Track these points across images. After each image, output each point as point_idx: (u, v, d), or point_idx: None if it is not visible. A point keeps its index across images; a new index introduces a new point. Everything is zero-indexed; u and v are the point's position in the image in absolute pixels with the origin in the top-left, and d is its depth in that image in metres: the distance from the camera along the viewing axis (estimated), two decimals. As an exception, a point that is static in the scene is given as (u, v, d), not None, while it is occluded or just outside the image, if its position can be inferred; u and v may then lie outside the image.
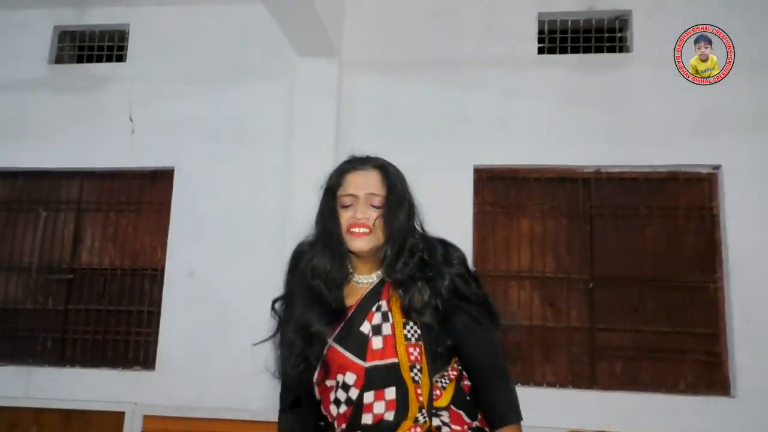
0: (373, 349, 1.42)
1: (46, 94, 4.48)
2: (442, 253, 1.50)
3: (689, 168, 3.94)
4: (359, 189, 1.47)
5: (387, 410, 1.38)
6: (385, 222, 1.46)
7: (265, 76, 4.28)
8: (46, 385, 4.07)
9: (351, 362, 1.42)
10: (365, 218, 1.45)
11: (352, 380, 1.41)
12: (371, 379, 1.40)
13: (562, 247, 4.02)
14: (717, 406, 3.63)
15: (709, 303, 3.82)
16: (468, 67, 4.15)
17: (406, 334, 1.43)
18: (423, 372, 1.42)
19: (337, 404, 1.43)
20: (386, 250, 1.45)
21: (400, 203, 1.48)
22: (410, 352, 1.42)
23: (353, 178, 1.49)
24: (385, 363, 1.41)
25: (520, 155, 4.02)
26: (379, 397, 1.39)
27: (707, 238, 3.89)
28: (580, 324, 3.91)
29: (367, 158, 1.55)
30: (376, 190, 1.47)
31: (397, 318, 1.44)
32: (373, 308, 1.45)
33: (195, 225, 4.18)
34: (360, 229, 1.45)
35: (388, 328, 1.43)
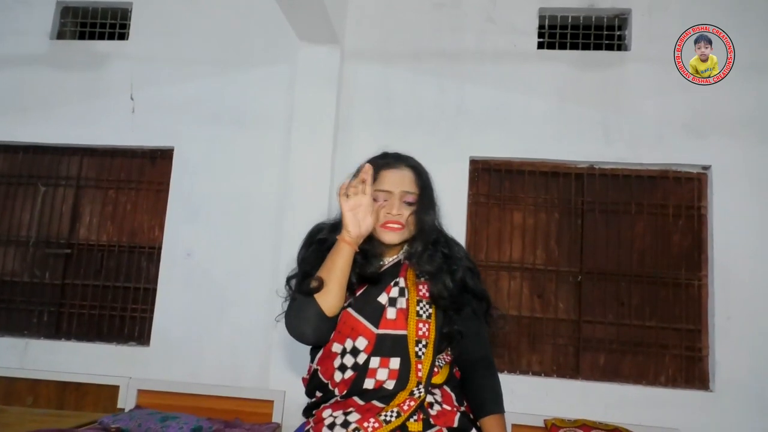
0: (387, 318, 1.52)
1: (48, 69, 4.50)
2: (457, 249, 1.66)
3: (680, 167, 4.02)
4: (395, 186, 1.58)
5: (389, 378, 1.48)
6: (417, 219, 1.57)
7: (266, 61, 4.32)
8: (42, 357, 4.14)
9: (364, 327, 1.51)
10: (400, 215, 1.56)
11: (363, 345, 1.50)
12: (380, 345, 1.49)
13: (552, 241, 4.10)
14: (696, 400, 3.74)
15: (693, 300, 3.93)
16: (468, 60, 4.20)
17: (418, 311, 1.54)
18: (428, 347, 1.51)
19: (343, 370, 1.50)
20: (417, 246, 1.58)
21: (431, 203, 1.61)
22: (419, 327, 1.52)
23: (389, 175, 1.59)
24: (394, 333, 1.51)
25: (515, 148, 4.09)
26: (384, 364, 1.49)
27: (694, 237, 3.99)
28: (567, 316, 4.01)
29: (400, 156, 1.65)
30: (410, 188, 1.58)
31: (412, 294, 1.56)
32: (392, 283, 1.57)
33: (193, 205, 4.23)
34: (395, 225, 1.56)
35: (403, 302, 1.54)
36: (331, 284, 1.48)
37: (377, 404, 1.48)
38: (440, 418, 1.49)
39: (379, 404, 1.48)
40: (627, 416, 3.65)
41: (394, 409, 1.47)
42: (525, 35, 4.21)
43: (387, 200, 1.59)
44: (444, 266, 1.59)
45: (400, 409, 1.47)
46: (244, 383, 3.93)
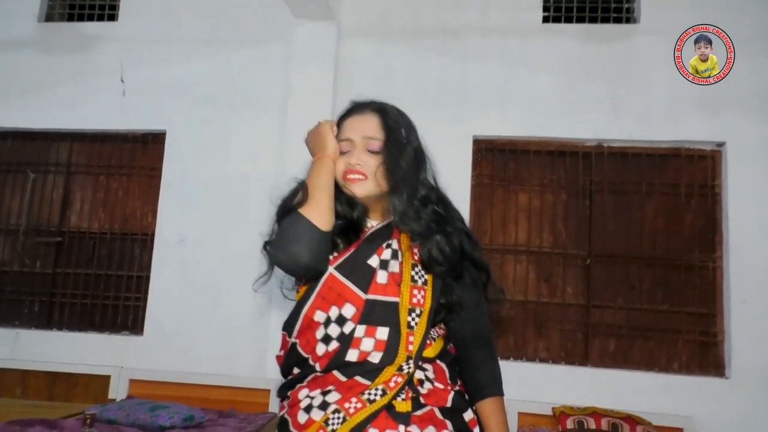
0: (377, 282, 1.33)
1: (36, 53, 4.37)
2: (453, 210, 1.44)
3: (693, 144, 3.85)
4: (356, 132, 1.39)
5: (375, 350, 1.29)
6: (386, 169, 1.35)
7: (260, 40, 4.17)
8: (33, 347, 4.02)
9: (351, 293, 1.32)
10: (359, 163, 1.36)
11: (350, 313, 1.31)
12: (368, 312, 1.30)
13: (559, 222, 3.95)
14: (711, 387, 3.58)
15: (707, 283, 3.76)
16: (470, 35, 4.04)
17: (413, 275, 1.35)
18: (422, 317, 1.32)
19: (327, 341, 1.31)
20: (395, 201, 1.35)
21: (402, 148, 1.38)
22: (413, 294, 1.33)
23: (350, 122, 1.41)
24: (384, 299, 1.32)
25: (520, 127, 3.93)
26: (370, 333, 1.30)
27: (708, 217, 3.82)
28: (575, 301, 3.85)
29: (366, 102, 1.46)
30: (373, 134, 1.38)
31: (407, 258, 1.36)
32: (384, 244, 1.37)
33: (186, 191, 4.10)
34: (355, 175, 1.37)
35: (396, 265, 1.35)
36: (318, 195, 1.30)
37: (361, 381, 1.29)
38: (431, 396, 1.31)
39: (363, 381, 1.29)
40: (638, 404, 3.49)
41: (380, 387, 1.28)
42: (529, 9, 4.04)
43: (350, 150, 1.39)
44: (434, 226, 1.36)
45: (386, 387, 1.28)
46: (239, 372, 3.80)
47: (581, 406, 3.36)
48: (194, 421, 3.02)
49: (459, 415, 1.33)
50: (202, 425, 3.05)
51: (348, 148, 1.39)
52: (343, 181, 1.38)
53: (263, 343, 3.76)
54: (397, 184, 1.35)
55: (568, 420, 3.20)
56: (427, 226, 1.35)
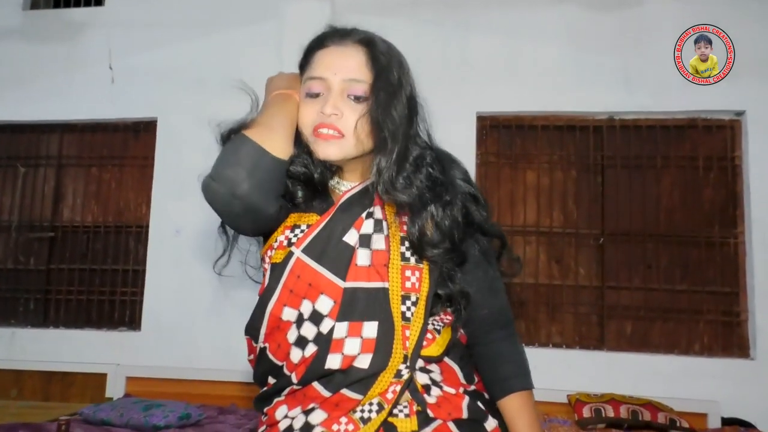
0: (356, 264, 1.04)
1: (22, 42, 4.21)
2: (453, 169, 1.16)
3: (710, 114, 3.65)
4: (331, 71, 1.06)
5: (362, 352, 1.01)
6: (372, 122, 1.04)
7: (251, 19, 3.99)
8: (29, 346, 3.90)
9: (327, 281, 1.03)
10: (336, 114, 1.04)
11: (327, 308, 1.03)
12: (348, 304, 1.02)
13: (570, 201, 3.77)
14: (735, 369, 3.42)
15: (729, 260, 3.58)
16: (471, 6, 3.84)
17: (403, 252, 1.07)
18: (419, 305, 1.05)
19: (302, 345, 1.03)
20: (379, 162, 1.04)
21: (394, 95, 1.06)
22: (406, 276, 1.06)
23: (325, 56, 1.08)
24: (369, 286, 1.04)
25: (526, 101, 3.74)
26: (354, 332, 1.02)
27: (728, 191, 3.63)
28: (589, 282, 3.69)
29: (350, 30, 1.12)
30: (357, 75, 1.05)
31: (394, 229, 1.08)
32: (363, 214, 1.08)
33: (180, 180, 3.93)
34: (328, 131, 1.04)
35: (381, 241, 1.06)
36: (272, 121, 1.02)
37: (349, 395, 1.02)
38: (442, 406, 1.04)
39: (352, 395, 1.02)
40: (658, 389, 3.32)
41: (375, 400, 1.02)
42: (533, -24, 3.83)
43: (323, 93, 1.06)
44: (428, 194, 1.07)
45: (383, 400, 1.01)
46: (240, 367, 3.65)
47: (598, 393, 3.20)
48: (191, 419, 2.90)
49: (479, 427, 1.08)
50: (199, 423, 2.93)
51: (319, 90, 1.06)
52: (312, 137, 1.06)
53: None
54: (385, 142, 1.04)
55: (585, 408, 3.04)
56: (419, 195, 1.06)
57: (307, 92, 1.08)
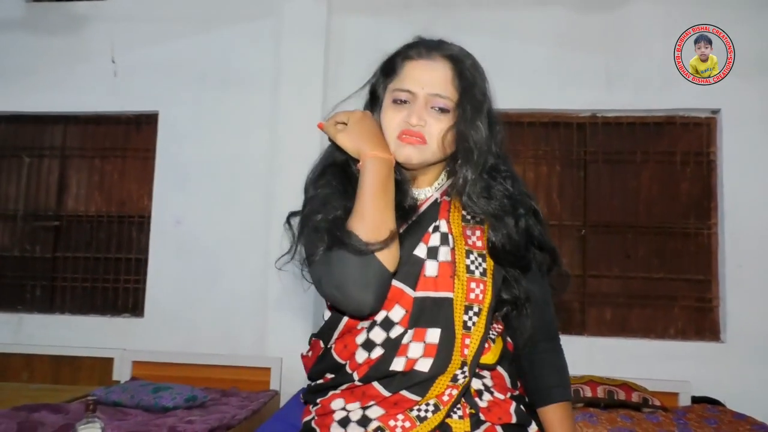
0: (425, 275, 1.11)
1: (25, 34, 4.31)
2: (520, 184, 1.21)
3: (687, 112, 3.83)
4: (419, 85, 1.13)
5: (424, 356, 1.08)
6: (459, 134, 1.12)
7: (251, 16, 4.12)
8: (36, 332, 4.05)
9: (400, 292, 1.10)
10: (420, 125, 1.12)
11: (399, 316, 1.10)
12: (418, 313, 1.09)
13: (555, 194, 3.95)
14: (707, 351, 3.63)
15: (703, 249, 3.78)
16: (460, 7, 3.99)
17: (468, 265, 1.12)
18: (481, 316, 1.11)
19: (369, 348, 1.10)
20: (465, 173, 1.12)
21: (479, 109, 1.13)
22: (471, 288, 1.11)
23: (413, 68, 1.15)
24: (436, 296, 1.10)
25: (513, 99, 3.86)
26: (419, 337, 1.09)
27: (703, 184, 3.82)
28: (572, 271, 3.86)
29: (437, 43, 1.19)
30: (441, 90, 1.13)
31: (459, 243, 1.14)
32: (430, 228, 1.14)
33: (181, 172, 4.09)
34: (413, 137, 1.12)
35: (447, 253, 1.12)
36: (389, 222, 1.06)
37: (408, 396, 1.08)
38: (493, 411, 1.12)
39: (411, 396, 1.08)
40: (636, 371, 3.52)
41: (431, 401, 1.08)
42: (521, -22, 3.99)
43: (409, 103, 1.14)
44: (509, 206, 1.14)
45: (439, 401, 1.08)
46: (240, 351, 3.84)
47: (578, 375, 3.41)
48: (197, 401, 3.07)
49: (523, 431, 1.16)
50: (204, 405, 3.10)
51: (405, 99, 1.14)
52: (396, 140, 1.13)
53: (263, 322, 3.80)
54: (471, 154, 1.12)
55: (565, 389, 3.25)
56: (500, 206, 1.14)
57: (393, 99, 1.15)
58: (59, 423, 2.52)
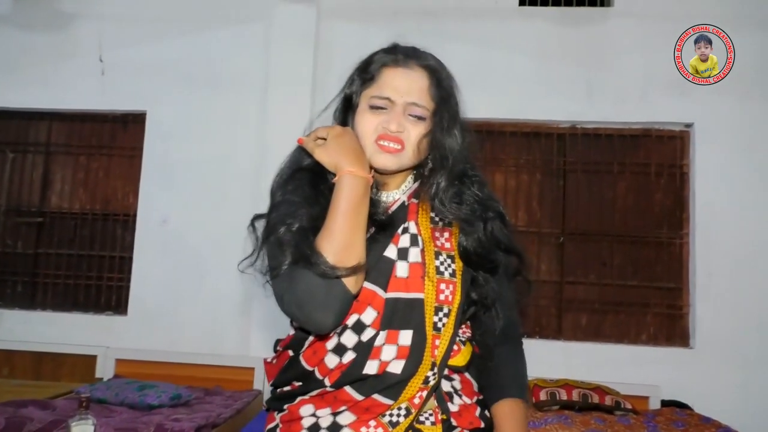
0: (396, 276, 1.11)
1: (12, 29, 4.29)
2: (487, 189, 1.24)
3: (663, 125, 3.97)
4: (398, 93, 1.14)
5: (396, 358, 1.08)
6: (435, 141, 1.14)
7: (240, 19, 4.16)
8: (17, 327, 4.04)
9: (372, 293, 1.09)
10: (400, 131, 1.13)
11: (371, 318, 1.09)
12: (390, 314, 1.09)
13: (534, 202, 4.07)
14: (676, 357, 3.77)
15: (675, 258, 3.93)
16: (448, 17, 4.08)
17: (438, 266, 1.13)
18: (450, 317, 1.12)
19: (340, 352, 1.09)
20: (439, 180, 1.15)
21: (455, 119, 1.17)
22: (440, 289, 1.12)
23: (391, 75, 1.16)
24: (408, 297, 1.10)
25: (496, 108, 4.00)
26: (392, 339, 1.08)
27: (676, 195, 3.97)
28: (549, 277, 3.99)
29: (414, 51, 1.20)
30: (419, 99, 1.14)
31: (428, 244, 1.15)
32: (399, 230, 1.15)
33: (168, 171, 4.12)
34: (391, 144, 1.13)
35: (417, 254, 1.13)
36: (358, 245, 1.06)
37: (381, 400, 1.09)
38: (463, 416, 1.14)
39: (384, 400, 1.09)
40: (609, 375, 3.65)
41: (403, 405, 1.09)
42: (506, -9, 4.09)
43: (386, 109, 1.14)
44: (479, 210, 1.17)
45: (411, 405, 1.09)
46: (223, 351, 3.88)
47: (554, 378, 3.52)
48: (182, 399, 3.11)
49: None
50: (189, 403, 3.14)
51: (383, 105, 1.14)
52: (374, 145, 1.14)
53: (247, 322, 3.85)
54: (445, 161, 1.15)
55: (542, 392, 3.36)
56: (471, 211, 1.16)
57: (370, 105, 1.15)
58: (48, 419, 2.55)
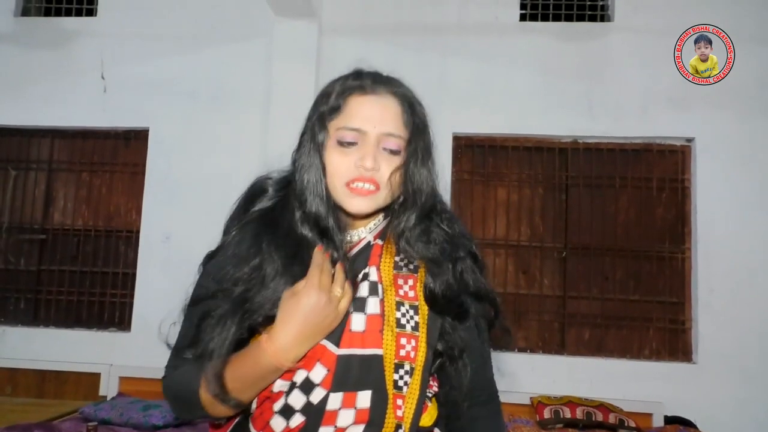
0: (351, 330, 0.98)
1: (13, 48, 4.32)
2: (458, 225, 1.11)
3: (664, 140, 3.99)
4: (370, 123, 1.00)
5: (355, 423, 0.96)
6: (408, 176, 1.02)
7: (242, 36, 4.18)
8: (20, 345, 4.05)
9: (322, 349, 0.96)
10: (375, 169, 0.99)
11: (320, 377, 0.96)
12: (343, 374, 0.96)
13: (537, 216, 4.07)
14: (679, 372, 3.77)
15: (677, 273, 3.93)
16: (449, 33, 4.10)
17: (399, 318, 1.00)
18: (414, 375, 1.00)
19: (287, 414, 0.96)
20: (409, 218, 1.03)
21: (428, 150, 1.06)
22: (401, 344, 0.99)
23: (362, 105, 1.02)
24: (363, 353, 0.97)
25: (498, 123, 4.02)
26: (349, 403, 0.96)
27: (678, 210, 3.98)
28: (552, 292, 4.00)
29: (382, 77, 1.07)
30: (393, 129, 1.01)
31: (389, 293, 1.02)
32: (359, 277, 1.02)
33: (170, 188, 4.13)
34: (366, 185, 1.00)
35: (376, 305, 1.00)
36: (244, 397, 0.97)
37: None
38: None
39: None
40: (612, 390, 3.66)
41: None
42: (507, 7, 4.11)
43: (357, 144, 1.01)
44: (448, 249, 1.05)
45: None
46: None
47: (557, 395, 3.53)
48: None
49: None
50: (193, 423, 3.14)
51: (354, 140, 1.00)
52: (345, 189, 1.01)
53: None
54: (416, 197, 1.03)
55: (545, 410, 3.36)
56: (440, 250, 1.04)
57: (339, 140, 1.01)
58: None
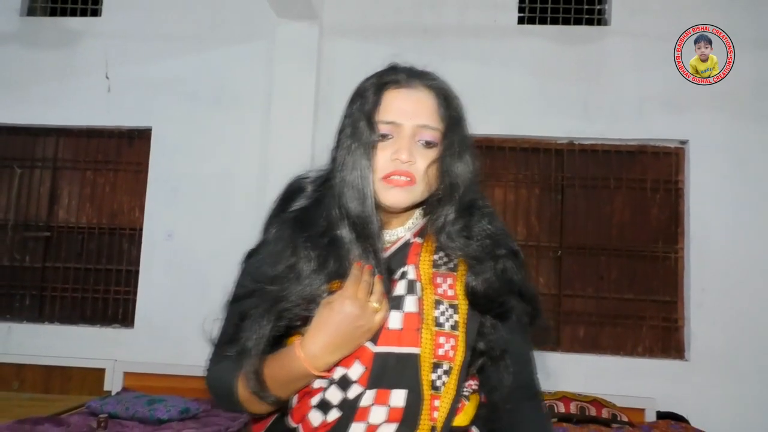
0: (388, 328, 0.97)
1: (19, 48, 4.38)
2: (498, 223, 1.08)
3: (658, 142, 4.06)
4: (406, 117, 1.00)
5: (387, 421, 0.95)
6: (445, 169, 1.01)
7: (244, 38, 4.25)
8: (26, 341, 4.12)
9: (361, 347, 0.96)
10: (411, 161, 0.98)
11: (357, 374, 0.96)
12: (379, 371, 0.96)
13: (533, 216, 4.15)
14: (672, 369, 3.86)
15: (670, 272, 4.01)
16: (448, 35, 4.17)
17: (437, 317, 0.99)
18: (451, 375, 0.98)
19: (324, 409, 0.96)
20: (447, 213, 1.01)
21: (465, 143, 1.03)
22: (439, 343, 0.98)
23: (397, 98, 1.01)
24: (400, 351, 0.97)
25: (495, 125, 4.08)
26: (382, 399, 0.95)
27: (671, 211, 4.06)
28: (548, 290, 4.08)
29: (417, 71, 1.07)
30: (429, 121, 1.01)
31: (428, 291, 1.00)
32: (397, 275, 1.01)
33: (173, 186, 4.20)
34: (401, 177, 0.99)
35: (413, 303, 0.99)
36: (282, 394, 0.99)
37: None
38: None
39: None
40: (605, 386, 3.74)
41: None
42: (505, 10, 4.18)
43: (393, 137, 1.00)
44: (489, 246, 1.02)
45: None
46: (229, 363, 3.95)
47: (552, 390, 3.61)
48: (190, 412, 3.20)
49: None
50: (197, 416, 3.23)
51: (389, 133, 1.00)
52: (382, 182, 0.99)
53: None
54: (455, 191, 1.01)
55: (540, 404, 3.44)
56: (481, 247, 1.02)
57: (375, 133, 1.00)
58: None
